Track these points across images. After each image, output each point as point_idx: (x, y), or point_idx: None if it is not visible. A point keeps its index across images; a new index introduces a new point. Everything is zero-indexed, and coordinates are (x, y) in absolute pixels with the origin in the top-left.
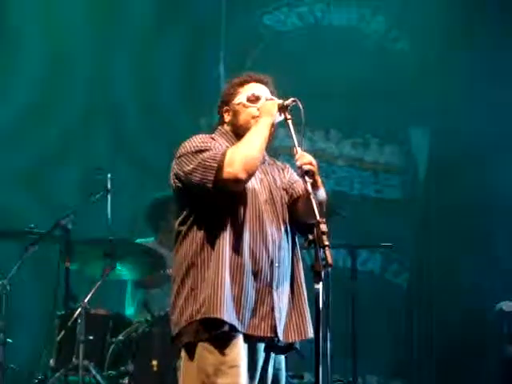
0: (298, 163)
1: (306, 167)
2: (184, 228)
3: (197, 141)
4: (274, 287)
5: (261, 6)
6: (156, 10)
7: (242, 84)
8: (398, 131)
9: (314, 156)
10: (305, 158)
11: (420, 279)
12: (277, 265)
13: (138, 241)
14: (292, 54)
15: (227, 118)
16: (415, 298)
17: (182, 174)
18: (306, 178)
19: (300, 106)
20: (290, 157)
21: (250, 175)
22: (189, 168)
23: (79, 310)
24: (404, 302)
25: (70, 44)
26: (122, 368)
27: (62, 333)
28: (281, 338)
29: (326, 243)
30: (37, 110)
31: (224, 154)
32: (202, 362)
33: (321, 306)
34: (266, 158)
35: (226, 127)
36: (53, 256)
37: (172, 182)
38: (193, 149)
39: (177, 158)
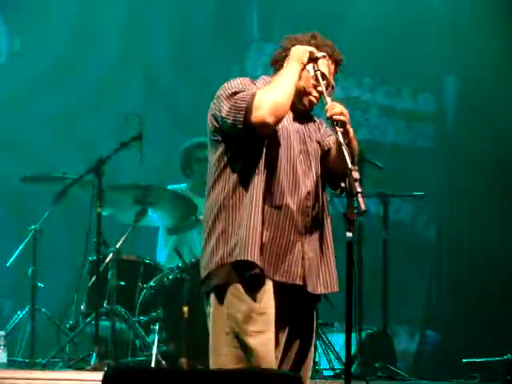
0: (328, 114)
1: (337, 117)
2: (217, 170)
3: (235, 82)
4: (304, 237)
5: None
6: None
7: (325, 51)
8: (430, 79)
9: (346, 104)
10: (336, 108)
11: (450, 230)
12: (308, 215)
13: (170, 187)
14: (327, 2)
15: None
16: (445, 248)
17: (218, 114)
18: (337, 127)
19: (328, 60)
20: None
21: (278, 120)
22: (224, 109)
23: (111, 255)
24: (434, 252)
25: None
26: (153, 314)
27: (94, 278)
28: (309, 288)
29: (359, 190)
30: (70, 57)
31: (253, 96)
32: (232, 308)
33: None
34: (305, 111)
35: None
36: (85, 201)
37: (209, 122)
38: (229, 90)
39: (216, 98)
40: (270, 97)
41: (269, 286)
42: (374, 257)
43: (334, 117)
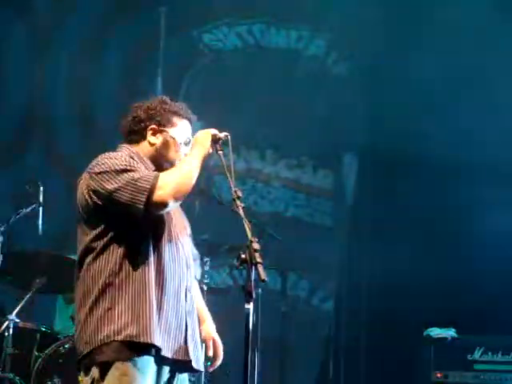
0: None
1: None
2: (99, 244)
3: (119, 159)
4: (189, 311)
5: (201, 25)
6: (96, 23)
7: (180, 116)
8: (330, 156)
9: (251, 175)
10: None
11: (348, 304)
12: (190, 290)
13: (71, 256)
14: (231, 74)
15: (153, 139)
16: (342, 324)
17: (103, 191)
18: (238, 202)
19: (229, 142)
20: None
21: (178, 203)
22: (114, 186)
23: (6, 323)
24: (331, 327)
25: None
26: (49, 383)
27: None
28: (194, 363)
29: (259, 260)
30: None
31: (157, 178)
32: (113, 383)
33: (251, 326)
34: None
35: (148, 149)
36: None
37: (87, 196)
38: (117, 167)
39: (96, 173)
40: (175, 180)
41: (156, 363)
42: (272, 328)
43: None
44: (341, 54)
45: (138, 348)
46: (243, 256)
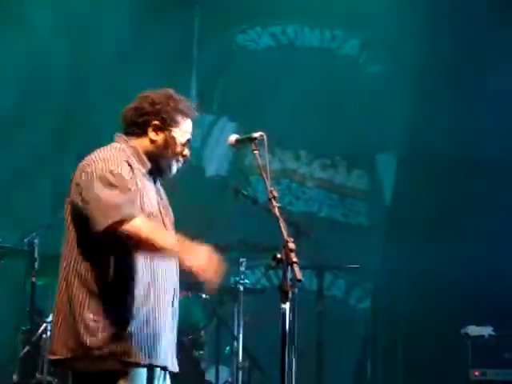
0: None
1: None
2: (86, 248)
3: (116, 171)
4: (170, 321)
5: (234, 25)
6: (128, 35)
7: (185, 115)
8: (365, 156)
9: (285, 175)
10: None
11: (385, 304)
12: (172, 299)
13: None
14: (265, 74)
15: (154, 136)
16: (380, 323)
17: (85, 197)
18: (274, 202)
19: (265, 142)
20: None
21: (137, 249)
22: (92, 196)
23: (44, 325)
24: (368, 327)
25: (45, 64)
26: None
27: (27, 348)
28: (171, 368)
29: (295, 260)
30: (8, 121)
31: (135, 216)
32: None
33: (287, 326)
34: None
35: (147, 144)
36: (19, 270)
37: (77, 196)
38: (108, 178)
39: (86, 172)
40: (153, 235)
41: (141, 373)
42: (308, 329)
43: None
44: (375, 53)
45: (122, 363)
46: (279, 256)
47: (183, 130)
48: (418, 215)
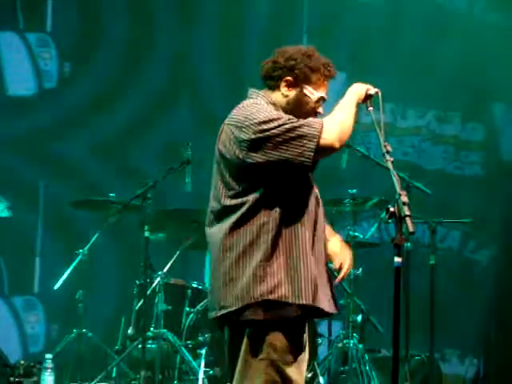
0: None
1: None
2: (248, 203)
3: (268, 111)
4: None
5: None
6: None
7: (319, 74)
8: (481, 107)
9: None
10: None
11: (504, 256)
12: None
13: None
14: (375, 27)
15: (286, 91)
16: (496, 275)
17: (269, 147)
18: (388, 156)
19: (380, 99)
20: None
21: (342, 147)
22: (280, 140)
23: (158, 279)
24: (483, 278)
25: (152, 19)
26: (200, 338)
27: (141, 302)
28: (330, 310)
29: (407, 213)
30: (120, 82)
31: (321, 124)
32: (272, 338)
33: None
34: None
35: (277, 98)
36: (133, 226)
37: (237, 152)
38: (274, 121)
39: (250, 127)
40: (336, 124)
41: (308, 320)
42: (421, 283)
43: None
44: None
45: (291, 308)
46: (392, 209)
47: (316, 89)
48: None
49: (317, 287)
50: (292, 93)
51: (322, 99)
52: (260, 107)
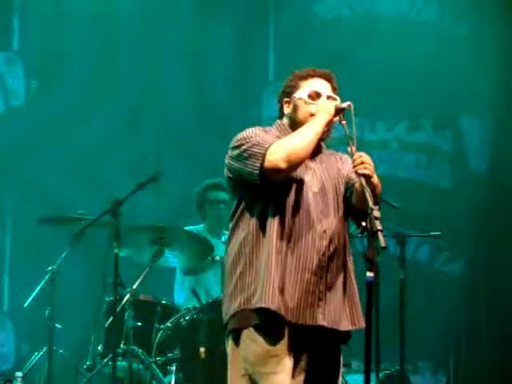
0: (354, 169)
1: (361, 171)
2: (236, 215)
3: (247, 132)
4: (323, 277)
5: None
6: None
7: (305, 78)
8: (449, 118)
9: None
10: (358, 163)
11: (472, 268)
12: (323, 254)
13: (188, 228)
14: (342, 43)
15: (286, 110)
16: (467, 287)
17: (231, 164)
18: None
19: (352, 111)
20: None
21: (292, 167)
22: (237, 158)
23: (128, 296)
24: (454, 290)
25: (118, 36)
26: (170, 355)
27: (111, 319)
28: (329, 326)
29: (379, 228)
30: (87, 98)
31: (270, 144)
32: (246, 350)
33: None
34: (324, 149)
35: (285, 120)
36: (102, 242)
37: (225, 172)
38: (242, 140)
39: (229, 149)
40: (287, 145)
41: (285, 330)
42: (391, 296)
43: (359, 171)
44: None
45: (263, 314)
46: (364, 224)
47: (304, 88)
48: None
49: (283, 292)
50: (290, 107)
51: (314, 94)
52: (245, 132)
